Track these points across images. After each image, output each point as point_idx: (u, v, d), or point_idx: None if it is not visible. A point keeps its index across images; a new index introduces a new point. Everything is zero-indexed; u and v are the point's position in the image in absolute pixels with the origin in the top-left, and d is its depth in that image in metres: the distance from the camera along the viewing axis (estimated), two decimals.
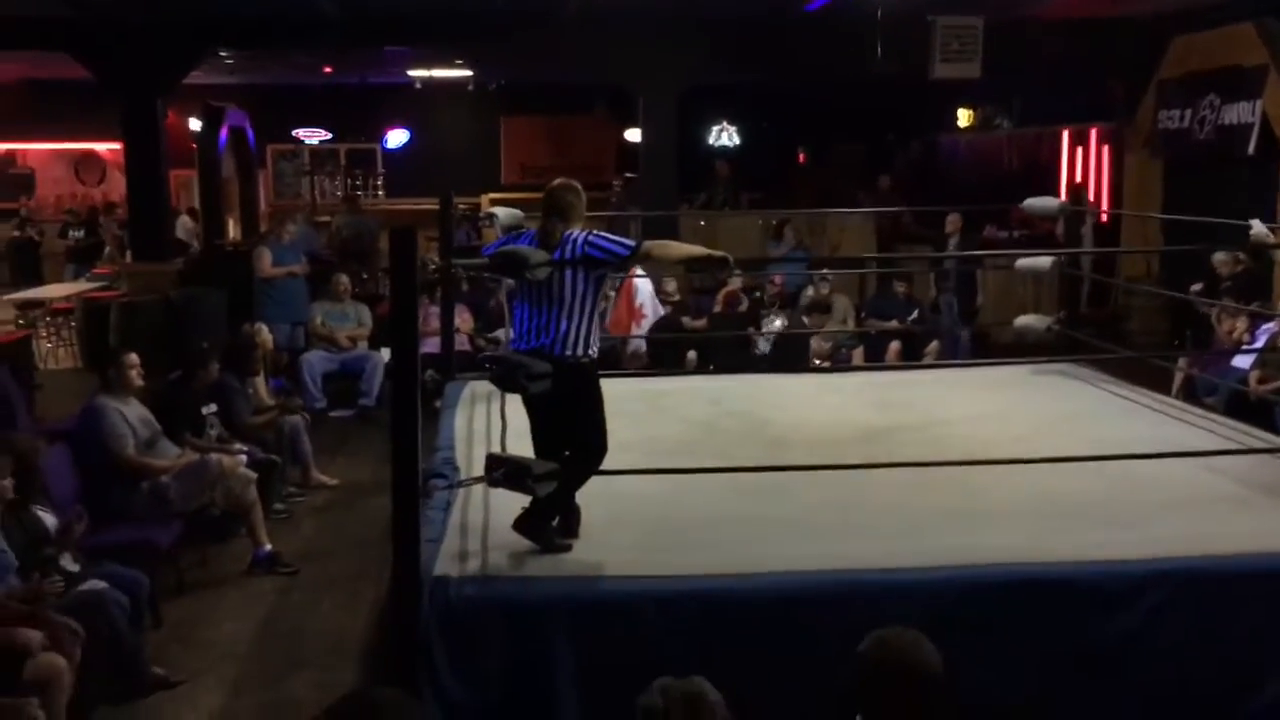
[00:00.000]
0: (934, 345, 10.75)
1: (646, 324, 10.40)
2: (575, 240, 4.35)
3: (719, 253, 4.55)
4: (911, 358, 10.31)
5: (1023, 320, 8.20)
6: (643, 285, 10.36)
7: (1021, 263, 8.39)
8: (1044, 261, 7.88)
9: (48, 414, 8.65)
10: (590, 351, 4.41)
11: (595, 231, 4.44)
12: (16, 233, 15.72)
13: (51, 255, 15.95)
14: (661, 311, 10.58)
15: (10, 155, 18.54)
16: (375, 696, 2.07)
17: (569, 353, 4.34)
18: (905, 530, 4.62)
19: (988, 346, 11.30)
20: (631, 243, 4.48)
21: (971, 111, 17.30)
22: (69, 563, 5.02)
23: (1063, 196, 12.92)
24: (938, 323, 11.13)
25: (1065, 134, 14.70)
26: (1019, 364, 8.04)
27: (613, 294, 10.16)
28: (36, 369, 10.23)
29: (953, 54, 11.31)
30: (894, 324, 10.62)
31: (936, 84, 12.02)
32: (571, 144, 18.85)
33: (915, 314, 10.82)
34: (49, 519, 5.18)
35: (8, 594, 4.57)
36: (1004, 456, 5.15)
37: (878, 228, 13.79)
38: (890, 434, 6.21)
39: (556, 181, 4.55)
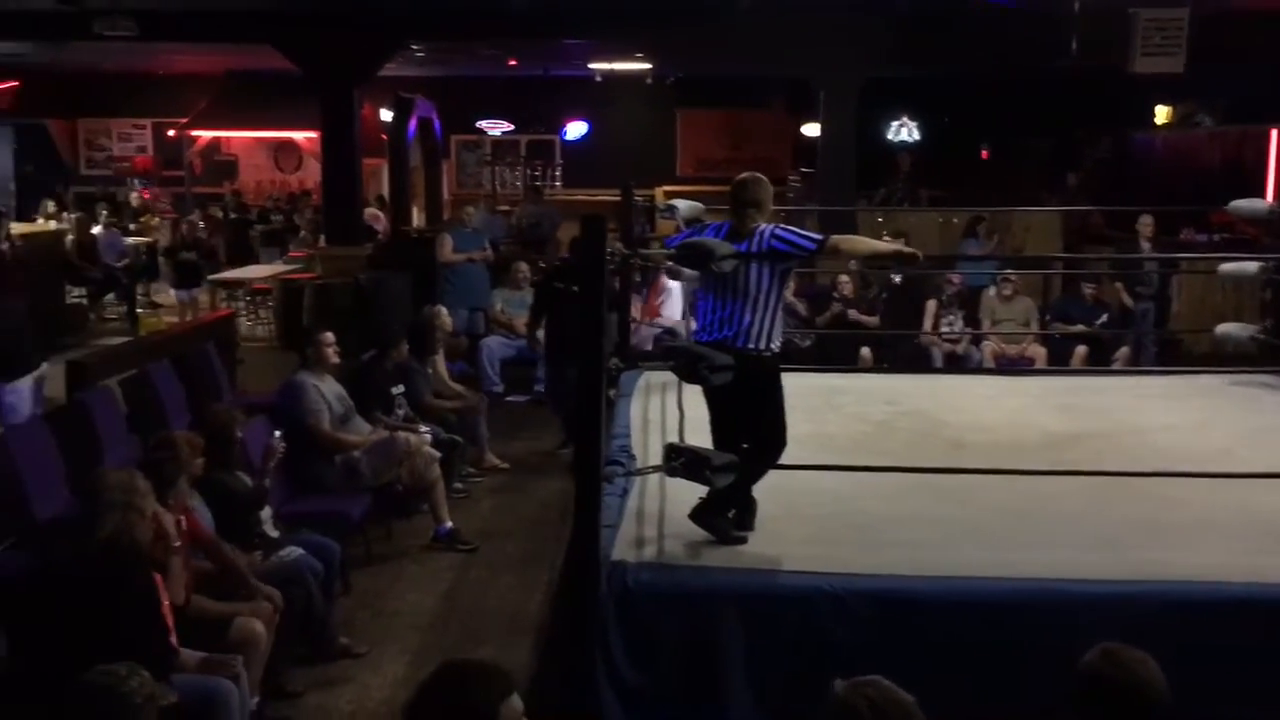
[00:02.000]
0: (1124, 351, 10.29)
1: (659, 323, 10.21)
2: (762, 233, 4.35)
3: (909, 249, 4.48)
4: (1100, 364, 9.89)
5: (1224, 328, 7.80)
6: (672, 287, 10.17)
7: (1225, 267, 7.96)
8: (1250, 266, 7.44)
9: (248, 387, 9.15)
10: (773, 345, 4.42)
11: (781, 225, 4.45)
12: (235, 214, 16.62)
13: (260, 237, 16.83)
14: (678, 318, 10.11)
15: (216, 143, 19.67)
16: (466, 666, 2.17)
17: (752, 346, 4.36)
18: (1094, 541, 4.46)
19: (1179, 355, 10.73)
20: (819, 237, 4.46)
21: (1170, 108, 16.45)
22: (270, 529, 5.31)
23: (1270, 199, 12.16)
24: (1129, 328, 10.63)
25: (1274, 133, 13.84)
26: (1218, 373, 7.64)
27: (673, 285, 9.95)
28: (238, 345, 10.80)
29: (1154, 47, 10.75)
30: (1080, 328, 10.21)
31: (1129, 78, 11.45)
32: (747, 137, 18.80)
33: (1104, 318, 10.37)
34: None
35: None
36: (1203, 469, 4.91)
37: (1065, 228, 13.28)
38: (1076, 441, 5.99)
39: (747, 175, 4.56)
